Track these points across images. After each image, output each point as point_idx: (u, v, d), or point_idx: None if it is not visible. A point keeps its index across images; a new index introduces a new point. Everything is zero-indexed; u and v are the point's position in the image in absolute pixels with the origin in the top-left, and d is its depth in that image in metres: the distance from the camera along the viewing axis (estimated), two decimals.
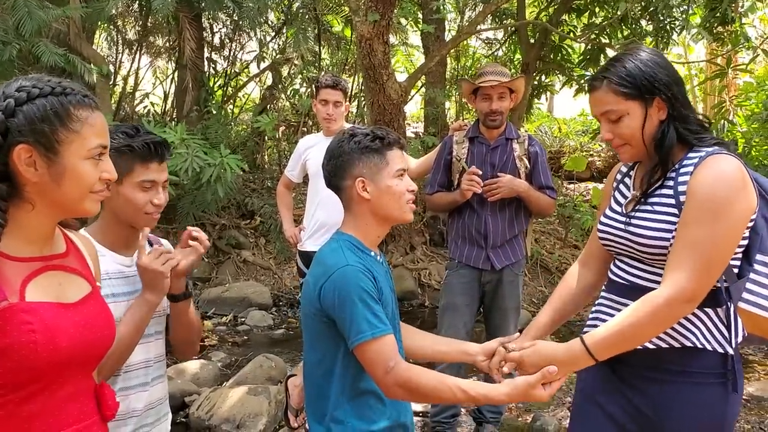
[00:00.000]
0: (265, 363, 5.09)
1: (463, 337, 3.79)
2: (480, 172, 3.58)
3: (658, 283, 1.75)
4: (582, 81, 8.96)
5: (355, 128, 2.07)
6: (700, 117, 1.87)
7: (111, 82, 9.62)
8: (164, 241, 2.14)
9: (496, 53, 11.60)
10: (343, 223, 2.04)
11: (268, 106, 10.76)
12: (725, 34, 7.91)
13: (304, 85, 10.70)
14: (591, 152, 13.79)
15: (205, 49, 10.14)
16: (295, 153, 4.10)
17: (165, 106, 11.09)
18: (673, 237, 1.74)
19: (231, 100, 11.40)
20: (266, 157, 10.71)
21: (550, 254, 9.03)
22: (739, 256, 1.75)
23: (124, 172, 1.85)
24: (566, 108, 17.73)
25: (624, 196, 1.95)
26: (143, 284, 1.81)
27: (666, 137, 1.80)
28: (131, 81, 11.16)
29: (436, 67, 9.36)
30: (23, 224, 1.33)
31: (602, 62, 8.77)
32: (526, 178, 3.73)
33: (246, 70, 11.84)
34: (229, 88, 11.28)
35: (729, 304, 1.75)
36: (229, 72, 11.21)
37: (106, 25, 9.31)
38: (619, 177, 2.02)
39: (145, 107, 10.87)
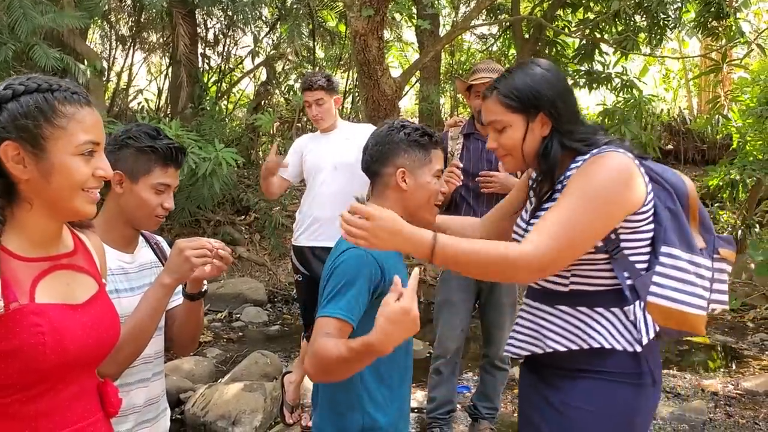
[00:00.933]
0: (260, 359, 5.08)
1: (459, 335, 3.79)
2: (461, 165, 3.54)
3: (566, 286, 1.80)
4: (576, 76, 8.96)
5: (405, 121, 2.09)
6: (592, 128, 1.87)
7: (105, 79, 9.58)
8: (160, 239, 2.14)
9: (490, 48, 11.60)
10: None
11: (263, 102, 10.74)
12: (720, 29, 7.91)
13: (299, 81, 10.67)
14: None
15: (199, 45, 10.12)
16: (290, 154, 4.04)
17: (159, 102, 11.05)
18: None
19: (225, 96, 11.37)
20: (261, 153, 10.69)
21: None
22: (647, 250, 1.75)
23: (142, 173, 1.86)
24: None
25: (531, 203, 1.98)
26: (167, 265, 1.78)
27: (549, 151, 1.82)
28: (125, 77, 11.13)
29: (430, 63, 9.36)
30: (25, 224, 1.32)
31: (596, 57, 8.80)
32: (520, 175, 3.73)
33: (240, 66, 11.81)
34: (224, 84, 11.26)
35: (636, 301, 1.74)
36: (223, 68, 11.18)
37: (99, 21, 9.27)
38: (530, 183, 2.04)
39: (139, 103, 10.83)
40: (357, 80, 9.32)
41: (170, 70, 10.20)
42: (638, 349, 1.73)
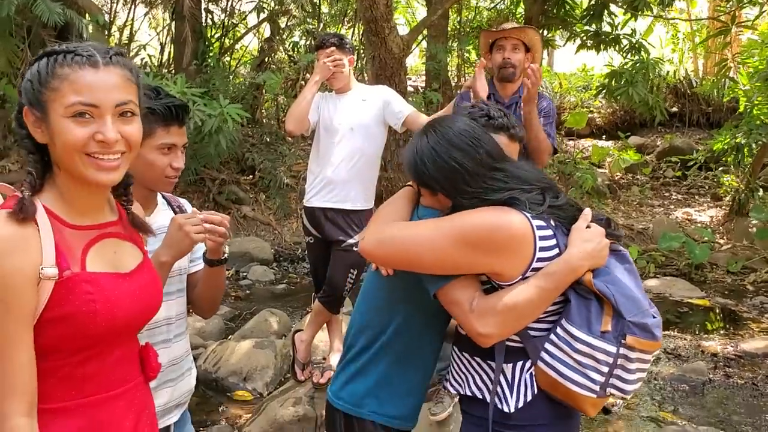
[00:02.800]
0: (269, 317, 5.16)
1: None
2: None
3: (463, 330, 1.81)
4: (585, 37, 8.87)
5: (481, 105, 2.04)
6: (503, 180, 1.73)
7: (107, 34, 9.47)
8: (184, 201, 2.15)
9: (498, 6, 11.44)
10: None
11: (266, 59, 10.64)
12: None
13: (303, 38, 10.56)
14: (591, 109, 13.73)
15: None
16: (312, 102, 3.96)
17: (162, 58, 10.94)
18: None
19: (229, 53, 11.25)
20: (264, 111, 10.63)
21: None
22: (553, 319, 1.70)
23: (145, 136, 1.81)
24: (566, 63, 17.57)
25: None
26: (165, 240, 1.79)
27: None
28: (127, 32, 10.99)
29: (438, 21, 9.24)
30: (61, 189, 1.34)
31: (605, 18, 8.69)
32: None
33: (244, 22, 11.66)
34: (227, 40, 11.13)
35: (519, 362, 1.73)
36: (226, 23, 11.04)
37: None
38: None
39: (142, 59, 10.72)
40: (363, 38, 9.21)
41: (173, 25, 10.07)
42: (507, 408, 1.72)
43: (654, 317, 1.63)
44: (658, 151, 12.27)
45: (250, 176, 9.18)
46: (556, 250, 1.67)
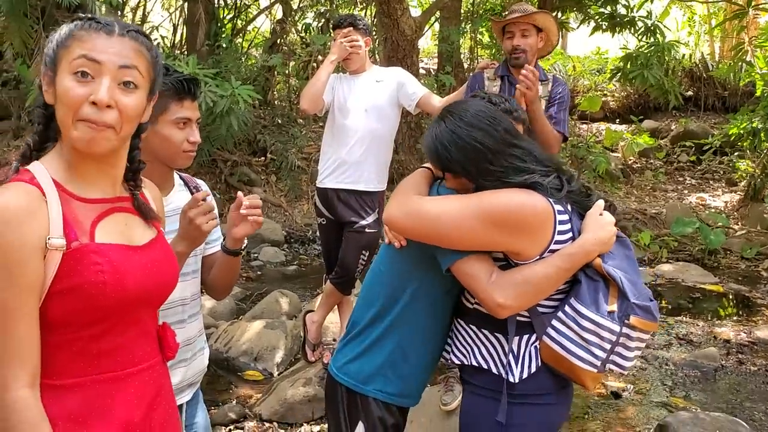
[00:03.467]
0: (280, 298, 5.17)
1: None
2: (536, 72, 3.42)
3: (471, 304, 1.89)
4: (600, 19, 8.75)
5: (483, 93, 2.11)
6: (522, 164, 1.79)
7: (120, 14, 9.45)
8: (200, 182, 2.14)
9: None
10: None
11: (278, 41, 10.59)
12: None
13: (316, 19, 10.50)
14: (605, 92, 13.61)
15: None
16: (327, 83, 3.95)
17: (174, 39, 10.92)
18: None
19: (241, 34, 11.21)
20: (276, 92, 10.61)
21: None
22: (560, 297, 1.79)
23: (159, 111, 1.82)
24: (580, 45, 17.39)
25: None
26: (180, 233, 1.79)
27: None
28: (139, 13, 10.98)
29: (450, 2, 9.17)
30: (70, 160, 1.33)
31: (621, 0, 8.57)
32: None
33: (256, 3, 11.61)
34: (239, 21, 11.09)
35: (525, 336, 1.80)
36: (239, 4, 10.99)
37: None
38: None
39: (154, 40, 10.70)
40: (375, 19, 9.14)
41: (185, 6, 10.04)
42: (512, 379, 1.79)
43: (651, 300, 1.75)
44: (673, 135, 12.16)
45: (262, 158, 9.19)
46: (570, 234, 1.76)
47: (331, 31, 4.06)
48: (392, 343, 1.93)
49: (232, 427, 3.59)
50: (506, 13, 3.81)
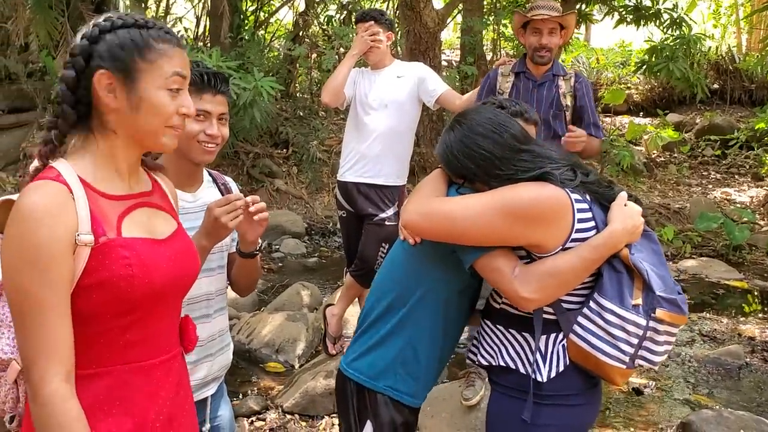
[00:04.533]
0: (301, 290, 5.20)
1: None
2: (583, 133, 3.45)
3: (499, 304, 1.89)
4: (624, 12, 8.65)
5: (494, 97, 2.18)
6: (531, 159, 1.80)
7: (143, 6, 9.52)
8: (229, 180, 2.16)
9: None
10: None
11: (300, 33, 10.61)
12: None
13: (338, 12, 10.49)
14: (629, 85, 13.47)
15: None
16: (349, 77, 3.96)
17: (197, 31, 10.98)
18: None
19: (263, 26, 11.24)
20: (298, 85, 10.63)
21: None
22: (584, 292, 1.79)
23: None
24: (604, 38, 17.21)
25: None
26: (204, 228, 1.82)
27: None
28: (163, 5, 11.04)
29: None
30: (109, 154, 1.37)
31: None
32: (571, 116, 3.67)
33: None
34: (262, 14, 11.11)
35: (553, 334, 1.79)
36: None
37: None
38: None
39: (178, 32, 10.76)
40: (398, 11, 9.12)
41: None
42: (540, 378, 1.78)
43: (680, 293, 1.71)
44: (697, 129, 12.00)
45: (284, 150, 9.22)
46: (593, 223, 1.73)
47: (354, 24, 4.08)
48: (403, 340, 1.93)
49: (254, 418, 3.62)
50: (530, 5, 3.77)
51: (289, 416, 3.62)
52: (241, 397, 3.82)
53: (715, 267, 6.86)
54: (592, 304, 1.72)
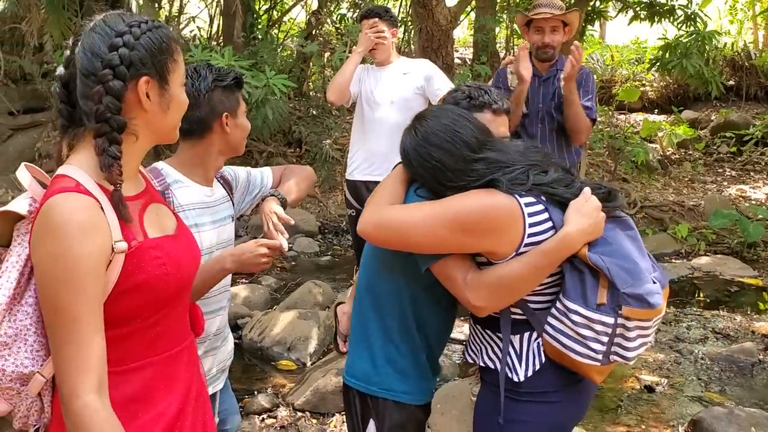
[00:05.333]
0: (313, 288, 5.22)
1: None
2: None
3: None
4: (638, 8, 8.61)
5: (467, 85, 2.11)
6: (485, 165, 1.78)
7: (157, 6, 9.59)
8: (223, 169, 2.21)
9: None
10: None
11: (313, 32, 10.63)
12: None
13: (351, 10, 10.51)
14: (643, 82, 13.38)
15: None
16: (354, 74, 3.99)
17: (211, 30, 11.03)
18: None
19: (276, 25, 11.27)
20: (311, 84, 10.66)
21: None
22: (552, 291, 1.78)
23: (237, 105, 2.01)
24: (619, 35, 17.11)
25: None
26: (235, 254, 1.88)
27: None
28: (176, 4, 11.09)
29: None
30: (126, 158, 1.35)
31: None
32: None
33: None
34: (275, 12, 11.15)
35: (526, 333, 1.80)
36: None
37: None
38: None
39: (191, 31, 10.83)
40: (410, 9, 9.12)
41: None
42: (516, 378, 1.79)
43: (654, 282, 1.68)
44: (713, 125, 11.89)
45: (297, 149, 9.25)
46: (549, 224, 1.71)
47: (358, 22, 4.11)
48: (381, 340, 1.95)
49: (265, 415, 3.65)
50: (533, 4, 3.79)
51: (300, 414, 3.65)
52: (253, 394, 3.85)
53: (730, 264, 6.81)
54: (558, 305, 1.73)
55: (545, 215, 1.72)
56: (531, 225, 1.70)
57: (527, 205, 1.71)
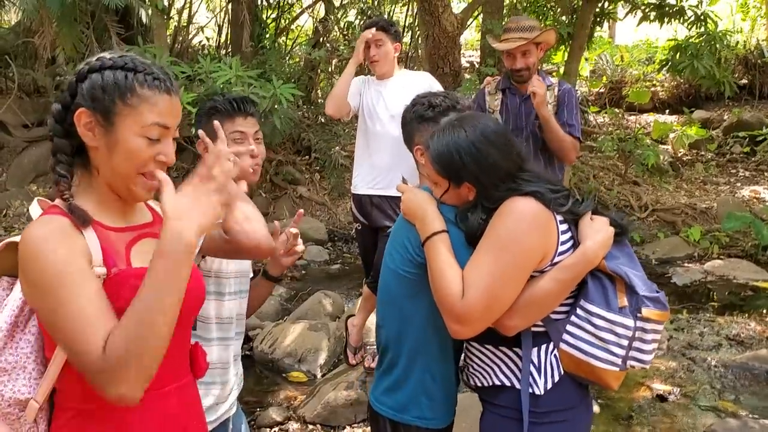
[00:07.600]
0: (323, 299, 5.24)
1: None
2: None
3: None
4: (647, 9, 8.54)
5: (422, 97, 2.14)
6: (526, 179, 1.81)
7: (166, 17, 9.64)
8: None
9: None
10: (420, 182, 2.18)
11: (321, 39, 10.66)
12: None
13: (358, 17, 10.52)
14: (654, 82, 13.29)
15: None
16: (352, 86, 3.98)
17: (219, 40, 11.09)
18: None
19: (284, 33, 11.31)
20: (320, 91, 10.68)
21: (608, 191, 8.87)
22: (569, 301, 1.80)
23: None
24: (628, 35, 17.01)
25: None
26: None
27: (468, 218, 1.83)
28: (185, 14, 11.16)
29: None
30: (92, 189, 1.40)
31: None
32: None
33: (299, 1, 11.69)
34: (283, 21, 11.18)
35: (543, 345, 1.80)
36: (282, 3, 11.09)
37: None
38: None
39: (200, 41, 10.89)
40: (417, 16, 9.12)
41: (230, 5, 10.17)
42: (537, 391, 1.78)
43: (658, 292, 1.77)
44: (725, 125, 11.78)
45: (306, 157, 9.27)
46: (572, 243, 1.78)
47: (360, 32, 4.10)
48: (419, 371, 1.93)
49: (276, 429, 3.66)
50: (504, 27, 3.79)
51: (311, 426, 3.66)
52: (264, 407, 3.86)
53: (744, 268, 6.74)
54: (579, 311, 1.76)
55: (569, 234, 1.79)
56: (562, 242, 1.76)
57: (560, 222, 1.77)
